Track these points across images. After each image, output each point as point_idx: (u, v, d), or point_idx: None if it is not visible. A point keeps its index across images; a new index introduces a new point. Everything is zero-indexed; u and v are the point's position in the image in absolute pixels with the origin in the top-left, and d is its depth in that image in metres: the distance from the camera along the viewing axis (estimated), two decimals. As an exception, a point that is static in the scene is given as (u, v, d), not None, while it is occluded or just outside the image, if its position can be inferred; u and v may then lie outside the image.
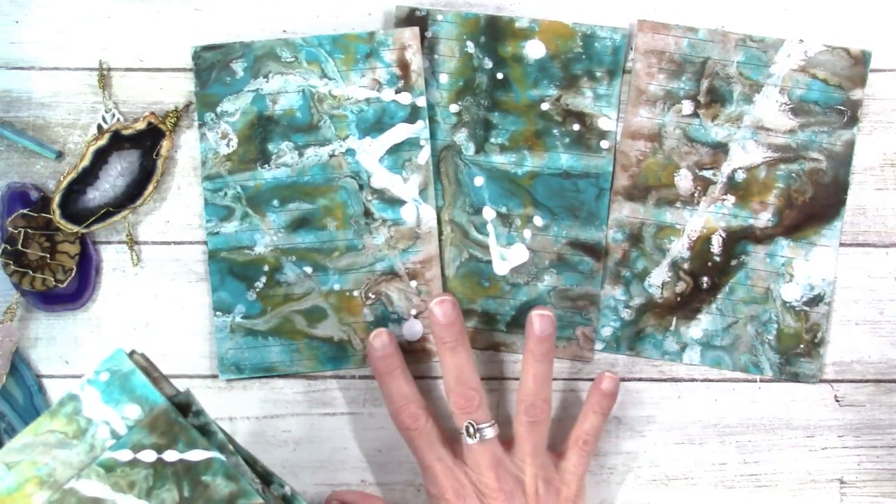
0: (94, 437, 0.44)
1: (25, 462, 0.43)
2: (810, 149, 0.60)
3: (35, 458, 0.43)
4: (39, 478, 0.43)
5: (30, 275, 0.58)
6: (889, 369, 0.60)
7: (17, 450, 0.44)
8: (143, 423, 0.44)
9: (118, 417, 0.44)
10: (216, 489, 0.43)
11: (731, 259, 0.60)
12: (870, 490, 0.60)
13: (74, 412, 0.44)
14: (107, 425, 0.44)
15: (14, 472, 0.43)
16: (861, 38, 0.61)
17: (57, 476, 0.43)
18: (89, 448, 0.44)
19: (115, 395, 0.44)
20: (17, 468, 0.43)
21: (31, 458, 0.43)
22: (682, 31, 0.61)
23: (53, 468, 0.43)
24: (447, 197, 0.60)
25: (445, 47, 0.60)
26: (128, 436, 0.44)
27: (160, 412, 0.44)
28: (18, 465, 0.43)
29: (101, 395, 0.44)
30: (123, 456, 0.43)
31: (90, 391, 0.44)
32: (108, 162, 0.58)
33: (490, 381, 0.60)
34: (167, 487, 0.43)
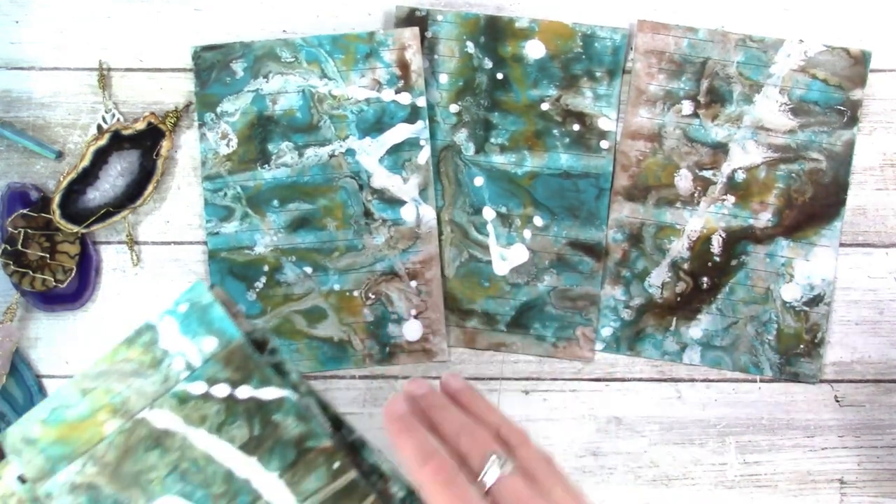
0: (169, 368, 0.43)
1: (100, 389, 0.43)
2: (810, 149, 0.60)
3: (109, 386, 0.43)
4: (113, 406, 0.43)
5: (30, 275, 0.58)
6: (889, 369, 0.60)
7: (92, 377, 0.43)
8: (219, 356, 0.44)
9: (195, 350, 0.44)
10: (286, 429, 0.43)
11: (731, 259, 0.60)
12: (870, 490, 0.60)
13: (151, 342, 0.44)
14: (182, 357, 0.44)
15: (88, 398, 0.43)
16: (861, 39, 0.61)
17: (130, 405, 0.43)
18: (164, 379, 0.43)
19: (193, 327, 0.44)
20: (92, 395, 0.43)
21: (105, 385, 0.43)
22: (682, 31, 0.61)
23: (127, 397, 0.43)
24: (447, 197, 0.60)
25: (445, 47, 0.60)
26: (202, 368, 0.43)
27: (236, 347, 0.44)
28: (93, 391, 0.43)
29: (179, 327, 0.44)
30: (197, 389, 0.43)
31: (168, 322, 0.44)
32: (108, 162, 0.58)
33: (490, 381, 0.60)
34: (238, 424, 0.43)
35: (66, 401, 0.43)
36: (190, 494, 0.43)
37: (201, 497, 0.43)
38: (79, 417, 0.43)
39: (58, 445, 0.43)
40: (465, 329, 0.60)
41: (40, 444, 0.43)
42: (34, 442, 0.43)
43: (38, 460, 0.43)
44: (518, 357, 0.60)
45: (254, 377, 0.43)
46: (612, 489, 0.60)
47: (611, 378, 0.60)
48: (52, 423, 0.43)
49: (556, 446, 0.60)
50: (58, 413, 0.43)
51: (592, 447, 0.60)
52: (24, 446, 0.43)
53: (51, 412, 0.43)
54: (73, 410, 0.43)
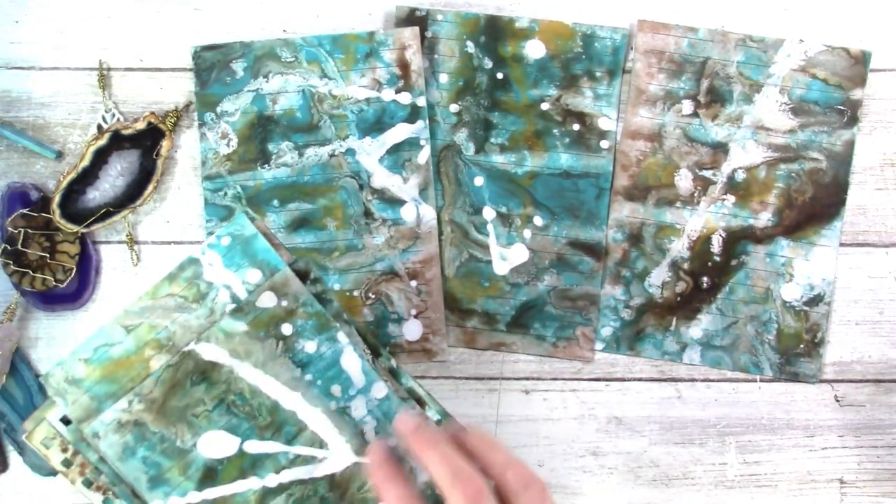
0: (214, 302, 0.43)
1: (144, 325, 0.43)
2: (810, 149, 0.60)
3: (154, 322, 0.43)
4: (158, 341, 0.43)
5: (30, 275, 0.58)
6: (889, 369, 0.60)
7: (135, 313, 0.43)
8: (265, 286, 0.44)
9: (239, 282, 0.43)
10: None
11: (731, 259, 0.60)
12: (870, 490, 0.60)
13: (195, 276, 0.43)
14: (227, 289, 0.43)
15: (133, 335, 0.43)
16: (861, 39, 0.61)
17: (176, 340, 0.43)
18: (209, 312, 0.43)
19: (237, 260, 0.44)
20: (136, 331, 0.43)
21: (149, 321, 0.43)
22: (682, 31, 0.61)
23: (173, 332, 0.43)
24: (447, 197, 0.60)
25: (445, 47, 0.60)
26: (249, 303, 0.43)
27: (280, 279, 0.44)
28: (137, 328, 0.43)
29: (223, 260, 0.44)
30: (242, 326, 0.43)
31: (211, 255, 0.43)
32: (108, 162, 0.58)
33: (490, 381, 0.60)
34: (282, 362, 0.43)
35: (110, 338, 0.43)
36: (236, 428, 0.43)
37: (247, 429, 0.43)
38: (124, 354, 0.43)
39: (103, 384, 0.43)
40: (465, 329, 0.60)
41: (85, 383, 0.43)
42: (79, 382, 0.42)
43: (84, 400, 0.42)
44: (518, 357, 0.60)
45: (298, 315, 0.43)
46: (612, 489, 0.60)
47: (611, 378, 0.60)
48: (96, 362, 0.43)
49: (556, 446, 0.60)
50: (102, 351, 0.43)
51: (592, 447, 0.60)
52: (68, 387, 0.42)
53: (94, 351, 0.43)
54: (118, 348, 0.43)
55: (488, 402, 0.60)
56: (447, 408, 0.59)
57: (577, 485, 0.59)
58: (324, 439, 0.43)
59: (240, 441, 0.43)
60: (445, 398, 0.60)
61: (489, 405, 0.60)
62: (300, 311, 0.44)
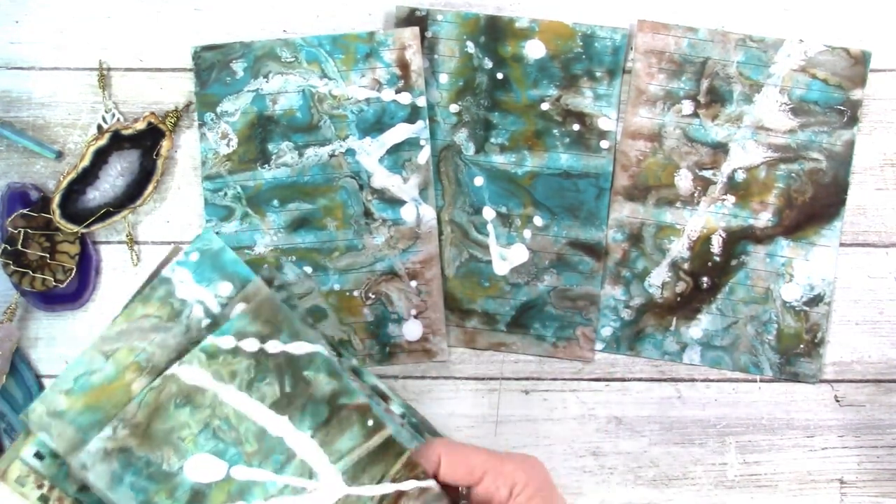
0: (188, 318, 0.43)
1: (123, 349, 0.42)
2: (810, 149, 0.60)
3: (132, 345, 0.43)
4: (138, 364, 0.42)
5: (30, 275, 0.58)
6: (889, 369, 0.60)
7: (112, 338, 0.43)
8: (247, 309, 0.43)
9: (211, 296, 0.43)
10: (318, 386, 0.42)
11: (731, 259, 0.60)
12: (870, 490, 0.60)
13: (167, 295, 0.43)
14: (200, 304, 0.43)
15: (112, 360, 0.42)
16: (861, 39, 0.61)
17: (155, 361, 0.43)
18: (185, 329, 0.43)
19: (207, 274, 0.44)
20: (115, 356, 0.42)
21: (127, 345, 0.43)
22: (682, 31, 0.61)
23: (151, 353, 0.43)
24: (447, 197, 0.60)
25: (445, 47, 0.60)
26: (231, 322, 0.43)
27: (264, 300, 0.43)
28: (115, 353, 0.42)
29: (193, 276, 0.43)
30: (226, 343, 0.43)
31: (181, 272, 0.43)
32: (108, 162, 0.58)
33: (490, 381, 0.60)
34: (268, 381, 0.43)
35: (90, 366, 0.43)
36: (222, 453, 0.43)
37: (234, 455, 0.43)
38: (105, 380, 0.42)
39: (87, 413, 0.42)
40: (465, 329, 0.60)
41: (68, 415, 0.42)
42: (62, 414, 0.42)
43: (69, 432, 0.42)
44: (518, 357, 0.60)
45: (283, 331, 0.43)
46: (612, 489, 0.60)
47: (611, 378, 0.60)
48: (77, 392, 0.42)
49: (556, 446, 0.60)
50: (82, 380, 0.42)
51: (592, 447, 0.60)
52: (51, 420, 0.42)
53: (74, 381, 0.42)
54: (99, 375, 0.42)
55: (488, 402, 0.60)
56: (447, 408, 0.60)
57: (577, 485, 0.59)
58: (313, 469, 0.43)
59: (227, 466, 0.43)
60: (445, 398, 0.60)
61: (489, 405, 0.60)
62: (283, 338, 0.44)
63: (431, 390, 0.60)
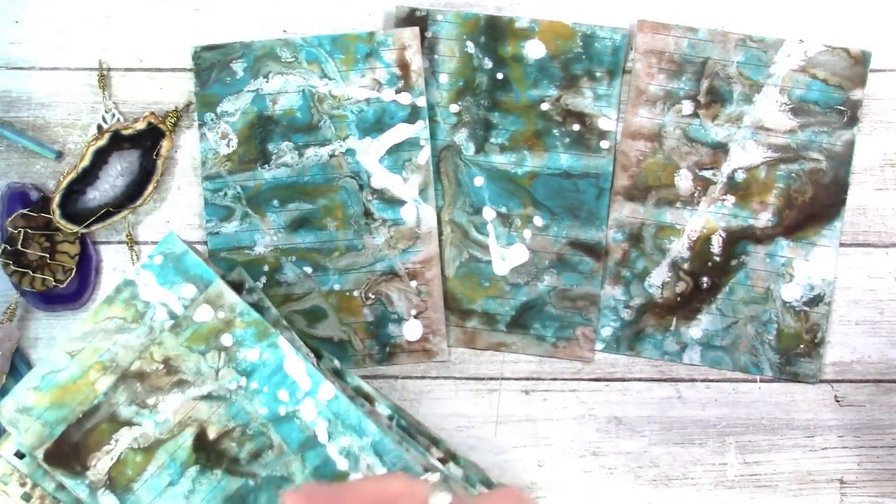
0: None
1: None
2: (810, 149, 0.60)
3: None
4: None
5: (30, 275, 0.58)
6: (889, 369, 0.60)
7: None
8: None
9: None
10: None
11: (731, 259, 0.60)
12: (870, 490, 0.60)
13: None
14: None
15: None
16: (861, 38, 0.61)
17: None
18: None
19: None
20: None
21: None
22: (682, 31, 0.61)
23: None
24: (447, 197, 0.60)
25: (445, 47, 0.60)
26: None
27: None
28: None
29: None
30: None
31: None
32: (108, 162, 0.58)
33: (490, 381, 0.60)
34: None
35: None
36: None
37: None
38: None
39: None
40: (465, 329, 0.60)
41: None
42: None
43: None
44: (518, 357, 0.60)
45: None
46: (612, 489, 0.60)
47: (611, 378, 0.60)
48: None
49: (556, 446, 0.60)
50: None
51: (592, 447, 0.60)
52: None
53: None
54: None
55: (488, 402, 0.60)
56: (447, 408, 0.60)
57: (577, 485, 0.59)
58: None
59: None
60: (445, 398, 0.60)
61: (489, 405, 0.60)
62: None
63: (431, 390, 0.60)
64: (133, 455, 0.44)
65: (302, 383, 0.45)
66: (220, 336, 0.45)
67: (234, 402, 0.45)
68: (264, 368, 0.45)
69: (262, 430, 0.45)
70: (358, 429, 0.45)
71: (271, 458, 0.44)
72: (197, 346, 0.45)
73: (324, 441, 0.45)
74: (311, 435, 0.45)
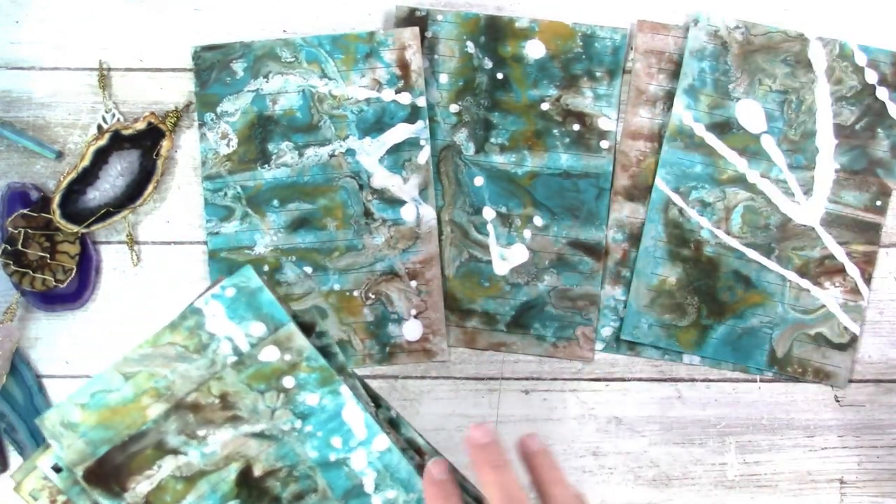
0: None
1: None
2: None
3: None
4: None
5: (30, 275, 0.58)
6: (889, 369, 0.60)
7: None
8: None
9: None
10: None
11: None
12: (870, 490, 0.60)
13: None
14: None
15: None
16: (861, 38, 0.61)
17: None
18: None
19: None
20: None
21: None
22: (682, 31, 0.61)
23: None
24: (447, 197, 0.60)
25: (445, 47, 0.60)
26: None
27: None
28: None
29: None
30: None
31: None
32: (108, 162, 0.58)
33: (490, 381, 0.60)
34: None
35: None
36: None
37: None
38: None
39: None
40: (465, 329, 0.60)
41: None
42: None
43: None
44: (518, 357, 0.60)
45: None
46: (612, 489, 0.60)
47: (611, 378, 0.60)
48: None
49: (556, 446, 0.60)
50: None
51: (592, 447, 0.60)
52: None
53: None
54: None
55: (488, 402, 0.60)
56: (447, 408, 0.60)
57: (577, 485, 0.59)
58: None
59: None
60: (445, 398, 0.60)
61: (489, 405, 0.60)
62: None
63: (431, 390, 0.60)
64: (174, 483, 0.43)
65: (358, 432, 0.44)
66: (282, 377, 0.44)
67: (286, 443, 0.44)
68: (322, 413, 0.44)
69: (309, 473, 0.44)
70: (406, 484, 0.44)
71: (313, 501, 0.44)
72: (257, 385, 0.44)
73: (370, 491, 0.44)
74: (359, 484, 0.44)
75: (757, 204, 0.59)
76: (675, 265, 0.59)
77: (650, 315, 0.59)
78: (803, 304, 0.59)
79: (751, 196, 0.59)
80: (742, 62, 0.59)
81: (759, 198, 0.59)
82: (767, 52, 0.59)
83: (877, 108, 0.59)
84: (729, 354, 0.59)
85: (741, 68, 0.59)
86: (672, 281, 0.59)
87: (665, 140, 0.60)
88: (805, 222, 0.59)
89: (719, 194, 0.59)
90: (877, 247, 0.59)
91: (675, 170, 0.59)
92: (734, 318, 0.59)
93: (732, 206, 0.59)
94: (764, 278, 0.59)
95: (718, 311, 0.59)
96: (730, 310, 0.59)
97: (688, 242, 0.59)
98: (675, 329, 0.59)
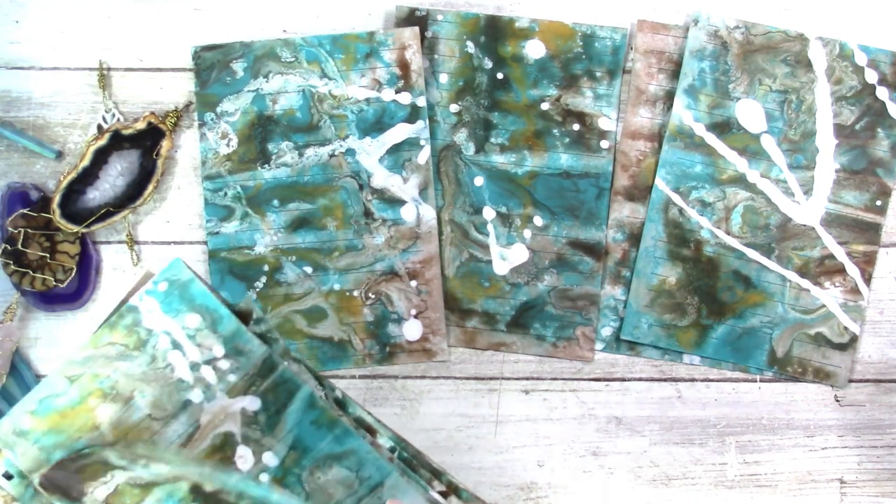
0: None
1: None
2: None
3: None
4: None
5: (30, 275, 0.58)
6: (889, 369, 0.60)
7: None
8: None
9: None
10: None
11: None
12: (870, 490, 0.60)
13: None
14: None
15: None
16: (861, 38, 0.61)
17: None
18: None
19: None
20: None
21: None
22: (682, 31, 0.61)
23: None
24: (447, 197, 0.60)
25: (445, 47, 0.60)
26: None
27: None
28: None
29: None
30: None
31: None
32: (108, 162, 0.58)
33: (490, 381, 0.60)
34: None
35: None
36: None
37: None
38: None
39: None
40: (465, 329, 0.60)
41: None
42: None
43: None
44: (518, 357, 0.60)
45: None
46: (612, 489, 0.60)
47: (611, 378, 0.60)
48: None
49: (556, 446, 0.60)
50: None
51: (592, 447, 0.60)
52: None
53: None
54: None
55: (488, 402, 0.60)
56: (447, 408, 0.60)
57: (577, 485, 0.59)
58: None
59: None
60: (445, 398, 0.60)
61: (489, 405, 0.60)
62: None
63: (431, 390, 0.60)
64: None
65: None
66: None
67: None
68: None
69: None
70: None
71: None
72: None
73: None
74: None
75: (757, 204, 0.59)
76: (675, 265, 0.59)
77: (650, 315, 0.59)
78: (803, 303, 0.59)
79: (751, 196, 0.59)
80: (742, 62, 0.59)
81: (759, 198, 0.59)
82: (767, 52, 0.59)
83: (877, 108, 0.59)
84: (729, 354, 0.59)
85: (741, 68, 0.59)
86: (672, 281, 0.59)
87: (665, 140, 0.60)
88: (805, 222, 0.59)
89: (719, 194, 0.59)
90: (877, 247, 0.59)
91: (675, 170, 0.59)
92: (734, 318, 0.59)
93: (732, 206, 0.59)
94: (764, 278, 0.59)
95: (718, 311, 0.59)
96: (730, 310, 0.59)
97: (688, 242, 0.59)
98: (675, 329, 0.59)
